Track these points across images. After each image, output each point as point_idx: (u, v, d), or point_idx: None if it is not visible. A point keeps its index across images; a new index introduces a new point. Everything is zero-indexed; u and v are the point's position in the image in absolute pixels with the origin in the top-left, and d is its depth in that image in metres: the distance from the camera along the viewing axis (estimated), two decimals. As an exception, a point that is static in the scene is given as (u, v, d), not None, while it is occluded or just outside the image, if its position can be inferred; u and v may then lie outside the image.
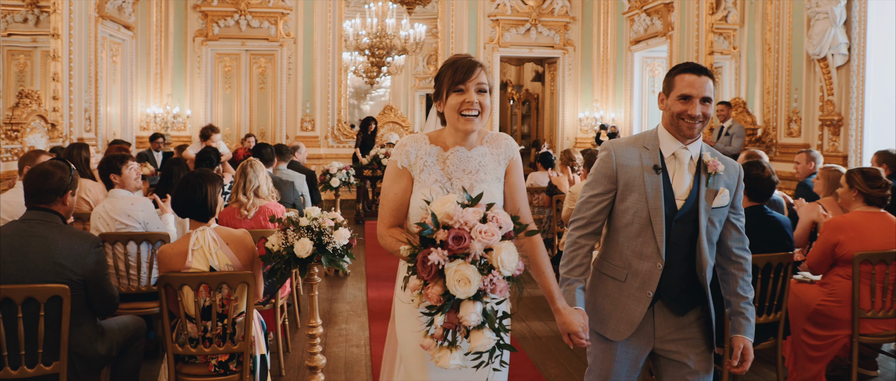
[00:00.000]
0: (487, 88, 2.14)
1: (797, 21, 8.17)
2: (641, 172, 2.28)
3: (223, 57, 12.45)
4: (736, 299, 2.40)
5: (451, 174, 2.14)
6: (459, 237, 1.73)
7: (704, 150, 2.33)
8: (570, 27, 13.31)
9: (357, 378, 4.24)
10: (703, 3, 10.05)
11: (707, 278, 2.30)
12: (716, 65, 10.48)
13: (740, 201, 2.38)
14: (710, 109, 2.25)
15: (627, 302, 2.31)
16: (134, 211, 3.92)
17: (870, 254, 3.58)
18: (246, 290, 2.99)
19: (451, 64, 2.14)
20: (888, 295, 3.62)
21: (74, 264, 2.81)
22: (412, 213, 2.15)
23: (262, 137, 12.45)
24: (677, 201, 2.28)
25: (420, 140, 2.17)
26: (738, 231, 2.39)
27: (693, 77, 2.24)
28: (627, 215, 2.29)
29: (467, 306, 1.73)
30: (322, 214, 3.01)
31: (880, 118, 7.32)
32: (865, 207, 3.86)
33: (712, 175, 2.29)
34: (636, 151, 2.32)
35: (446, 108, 2.14)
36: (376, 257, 7.87)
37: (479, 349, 1.76)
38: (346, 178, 7.14)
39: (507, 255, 1.76)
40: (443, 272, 1.73)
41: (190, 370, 3.07)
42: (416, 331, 2.00)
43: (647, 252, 2.28)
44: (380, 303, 6.06)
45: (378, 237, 2.20)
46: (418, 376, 2.15)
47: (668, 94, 2.30)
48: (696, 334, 2.34)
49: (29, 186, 2.87)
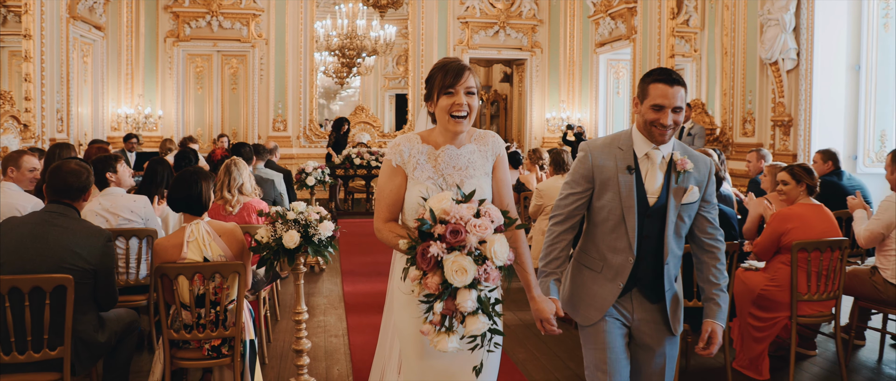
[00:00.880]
0: (475, 90, 2.28)
1: (751, 27, 8.62)
2: (616, 173, 2.41)
3: (195, 57, 12.52)
4: (708, 286, 2.54)
5: (442, 171, 2.28)
6: (456, 231, 1.87)
7: (676, 148, 2.46)
8: (537, 30, 13.66)
9: (337, 365, 4.48)
10: (664, 8, 10.46)
11: (671, 269, 2.46)
12: (677, 67, 10.91)
13: (712, 195, 2.53)
14: (682, 117, 2.38)
15: (600, 291, 2.47)
16: (137, 208, 4.13)
17: (806, 242, 3.94)
18: (237, 279, 3.21)
19: (441, 67, 2.28)
20: (823, 280, 3.99)
21: (90, 254, 3.03)
22: (407, 208, 2.29)
23: (235, 137, 12.55)
24: (649, 198, 2.42)
25: (412, 140, 2.32)
26: (710, 223, 2.52)
27: (666, 88, 2.34)
28: (603, 211, 2.44)
29: (463, 294, 1.88)
30: (307, 208, 3.24)
31: (827, 119, 7.80)
32: (808, 199, 4.25)
33: (681, 173, 2.42)
34: (611, 151, 2.44)
35: (437, 109, 2.28)
36: (351, 253, 8.08)
37: (474, 333, 1.91)
38: (322, 177, 7.35)
39: (500, 246, 1.91)
40: (441, 264, 1.87)
41: (184, 355, 3.28)
42: (414, 318, 2.19)
43: (621, 246, 2.43)
44: (356, 296, 6.29)
45: (375, 231, 2.32)
46: (415, 361, 2.31)
47: (641, 100, 2.41)
48: (664, 321, 2.50)
49: (58, 183, 3.11)
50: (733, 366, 4.23)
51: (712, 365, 4.37)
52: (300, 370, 3.46)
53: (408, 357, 2.37)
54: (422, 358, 2.31)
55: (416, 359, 2.32)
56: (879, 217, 4.32)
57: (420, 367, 2.33)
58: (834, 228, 4.19)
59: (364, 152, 11.13)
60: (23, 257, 2.95)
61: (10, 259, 2.94)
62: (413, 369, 2.34)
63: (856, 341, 4.75)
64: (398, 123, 16.39)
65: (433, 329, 1.94)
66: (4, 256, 2.94)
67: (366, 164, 11.05)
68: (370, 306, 5.97)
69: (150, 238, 4.19)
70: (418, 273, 1.91)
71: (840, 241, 4.00)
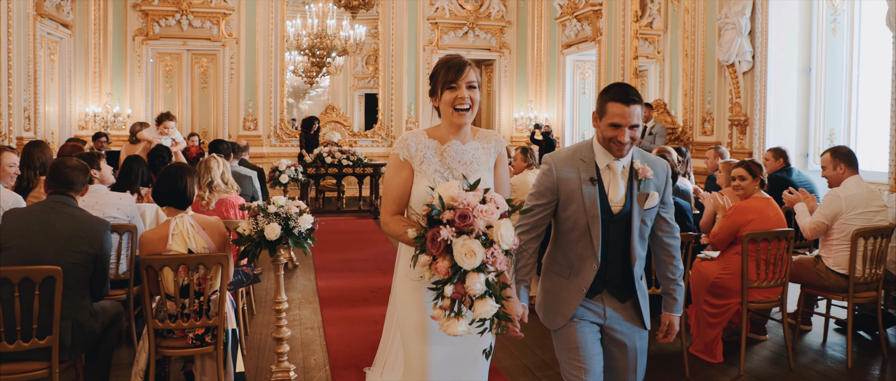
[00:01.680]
0: (476, 84, 2.38)
1: (710, 30, 8.97)
2: (579, 185, 2.50)
3: (164, 56, 12.48)
4: (665, 281, 2.71)
5: (448, 165, 2.37)
6: (465, 215, 1.95)
7: (635, 157, 2.57)
8: (505, 31, 13.92)
9: (313, 355, 4.64)
10: (628, 11, 10.78)
11: (636, 271, 2.59)
12: (641, 68, 11.25)
13: (669, 196, 2.66)
14: (638, 133, 2.48)
15: (566, 296, 2.57)
16: (123, 205, 4.23)
17: (756, 233, 4.23)
18: (220, 270, 3.35)
19: (443, 64, 2.39)
20: (770, 268, 4.28)
21: (93, 239, 3.22)
22: (413, 201, 2.37)
23: (205, 136, 12.55)
24: (613, 207, 2.53)
25: (419, 135, 2.41)
26: (667, 223, 2.66)
27: (623, 107, 2.43)
28: (569, 222, 2.54)
29: (472, 277, 1.94)
30: (287, 202, 3.40)
31: (780, 118, 8.19)
32: (761, 193, 4.54)
33: (642, 181, 2.54)
34: (574, 163, 2.54)
35: (441, 103, 2.39)
36: (323, 250, 8.21)
37: (482, 316, 1.97)
38: (295, 174, 7.47)
39: (506, 230, 1.98)
40: (450, 248, 1.94)
41: (169, 344, 3.41)
42: (416, 306, 2.32)
43: (587, 254, 2.53)
44: (329, 291, 6.44)
45: (382, 224, 2.41)
46: (418, 347, 2.39)
47: (600, 117, 2.51)
48: (635, 315, 2.63)
49: (65, 175, 3.32)
50: (690, 351, 4.50)
51: (670, 350, 4.63)
52: (281, 358, 3.61)
53: (411, 344, 2.43)
54: (426, 344, 2.38)
55: (419, 345, 2.39)
56: (824, 211, 4.64)
57: (424, 353, 2.39)
58: (784, 220, 4.49)
59: (335, 151, 11.24)
60: (30, 240, 3.12)
61: (19, 242, 3.10)
62: (416, 354, 2.41)
63: (802, 326, 5.07)
64: (368, 122, 16.46)
65: (443, 314, 2.00)
66: (12, 239, 3.10)
67: (337, 163, 11.16)
68: (343, 300, 6.13)
69: (130, 234, 4.30)
70: (428, 259, 1.97)
71: (786, 232, 4.29)
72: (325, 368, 4.40)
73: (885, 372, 4.41)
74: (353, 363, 4.46)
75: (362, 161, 11.31)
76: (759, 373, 4.28)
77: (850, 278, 4.41)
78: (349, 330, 5.21)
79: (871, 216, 4.53)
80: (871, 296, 4.56)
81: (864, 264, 4.43)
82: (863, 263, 4.42)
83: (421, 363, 2.40)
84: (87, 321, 3.25)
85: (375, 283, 6.82)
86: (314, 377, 4.26)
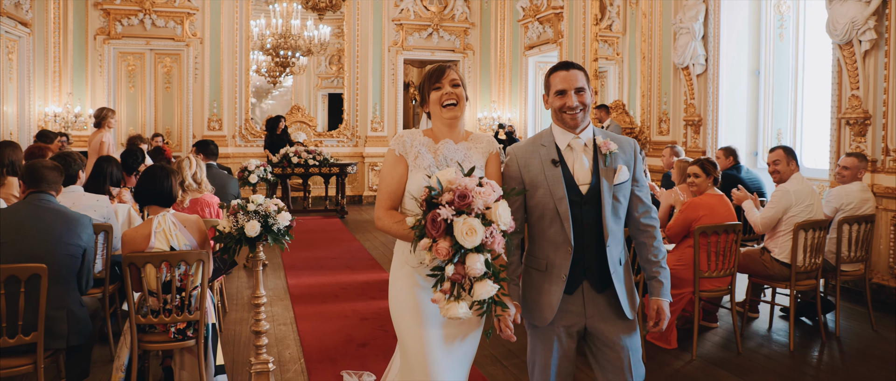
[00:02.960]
0: (461, 82, 2.50)
1: (666, 34, 9.34)
2: (542, 169, 2.48)
3: (126, 56, 12.36)
4: (649, 265, 2.59)
5: (441, 162, 2.44)
6: (464, 195, 1.99)
7: (596, 134, 2.53)
8: (469, 32, 14.15)
9: (288, 349, 4.79)
10: (588, 14, 11.12)
11: (613, 251, 2.48)
12: (601, 69, 11.60)
13: (641, 174, 2.58)
14: (587, 98, 2.47)
15: (549, 288, 2.49)
16: (99, 207, 4.31)
17: (707, 227, 4.53)
18: (201, 266, 3.48)
19: (427, 72, 2.54)
20: (721, 259, 4.59)
21: (82, 231, 3.35)
22: (407, 197, 2.43)
23: (169, 136, 12.48)
24: (581, 187, 2.46)
25: (415, 133, 2.50)
26: (642, 202, 2.57)
27: (564, 73, 2.49)
28: (538, 208, 2.49)
29: (473, 258, 1.98)
30: (266, 200, 3.54)
31: (731, 119, 8.60)
32: (713, 190, 4.86)
33: (608, 155, 2.48)
34: (535, 150, 2.52)
35: (431, 104, 2.50)
36: (292, 249, 8.27)
37: (482, 297, 2.01)
38: (264, 174, 7.55)
39: (503, 209, 2.03)
40: (450, 228, 1.98)
41: (151, 338, 3.53)
42: (410, 295, 2.40)
43: (560, 240, 2.46)
44: (300, 289, 6.57)
45: (375, 220, 2.45)
46: (415, 331, 2.42)
47: (548, 93, 2.55)
48: (618, 308, 2.51)
49: (43, 175, 3.44)
50: (646, 338, 4.79)
51: (629, 338, 4.90)
52: (259, 351, 3.75)
53: (408, 332, 2.45)
54: (422, 328, 2.41)
55: (416, 329, 2.42)
56: (775, 205, 4.97)
57: (422, 337, 2.41)
58: (734, 215, 4.81)
59: (301, 151, 11.30)
60: (25, 236, 3.23)
61: (14, 238, 3.21)
62: (414, 336, 2.43)
63: (750, 314, 5.41)
64: (332, 122, 16.49)
65: (444, 297, 2.03)
66: (5, 235, 3.20)
67: (303, 162, 11.23)
68: (314, 297, 6.27)
69: (106, 234, 4.37)
70: (428, 241, 2.01)
71: (735, 225, 4.60)
72: (300, 361, 4.55)
73: (823, 354, 4.76)
74: (328, 357, 4.62)
75: (329, 161, 11.40)
76: (710, 358, 4.58)
77: (792, 267, 4.75)
78: (322, 325, 5.36)
79: (812, 209, 4.88)
80: (811, 284, 4.91)
81: (805, 255, 4.77)
82: (804, 253, 4.76)
83: (419, 350, 2.41)
84: (79, 310, 3.37)
85: (345, 280, 6.97)
86: (290, 369, 4.41)
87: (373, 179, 13.73)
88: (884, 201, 5.88)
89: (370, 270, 7.49)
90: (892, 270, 5.81)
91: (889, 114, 5.92)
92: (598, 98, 11.02)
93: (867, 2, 5.97)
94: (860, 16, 6.00)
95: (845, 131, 6.38)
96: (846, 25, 6.10)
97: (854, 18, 6.03)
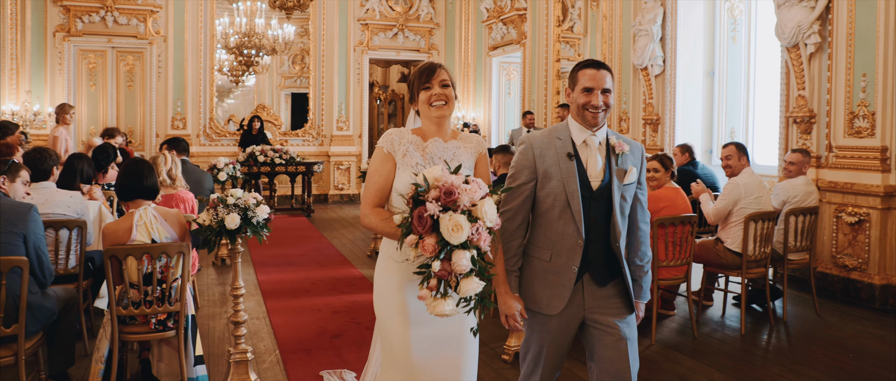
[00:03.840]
0: (450, 83, 2.49)
1: (625, 36, 9.67)
2: (557, 161, 2.50)
3: (87, 53, 12.18)
4: (634, 267, 2.65)
5: (429, 160, 2.45)
6: (450, 191, 2.00)
7: (610, 135, 2.58)
8: (434, 33, 14.33)
9: (262, 342, 4.89)
10: (551, 16, 11.39)
11: (621, 248, 2.54)
12: (563, 70, 11.87)
13: (643, 177, 2.64)
14: (611, 99, 2.52)
15: (556, 279, 2.52)
16: (72, 203, 4.34)
17: (665, 218, 4.79)
18: (182, 259, 3.58)
19: (418, 70, 2.54)
20: (677, 249, 4.86)
21: (18, 220, 3.38)
22: (394, 196, 2.44)
23: (131, 135, 12.34)
24: (592, 182, 2.51)
25: (404, 132, 2.50)
26: (641, 205, 2.64)
27: (594, 71, 2.50)
28: (548, 199, 2.50)
29: (459, 254, 1.98)
30: (245, 194, 3.65)
31: (687, 118, 8.96)
32: (671, 184, 5.14)
33: (620, 155, 2.53)
34: (551, 142, 2.53)
35: (419, 104, 2.51)
36: (260, 246, 8.35)
37: (469, 294, 2.02)
38: (234, 172, 7.61)
39: (489, 207, 2.03)
40: (436, 224, 1.99)
41: (131, 330, 3.60)
42: (396, 293, 2.40)
43: (569, 232, 2.49)
44: (270, 284, 6.66)
45: (361, 217, 2.44)
46: (401, 331, 2.42)
47: (573, 88, 2.54)
48: (618, 302, 2.56)
49: None
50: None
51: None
52: (238, 341, 3.86)
53: (392, 330, 2.45)
54: (409, 327, 2.42)
55: (402, 329, 2.42)
56: (726, 198, 5.27)
57: (407, 336, 2.42)
58: (690, 208, 5.10)
59: (268, 150, 11.32)
60: None
61: None
62: (399, 335, 2.43)
63: (705, 302, 5.71)
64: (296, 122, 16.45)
65: (430, 295, 2.03)
66: None
67: (270, 161, 11.25)
68: (285, 292, 6.36)
69: (80, 229, 4.41)
70: (415, 238, 2.02)
71: (690, 217, 4.87)
72: (275, 352, 4.66)
73: (772, 337, 5.08)
74: (302, 348, 4.74)
75: (295, 160, 11.45)
76: (667, 343, 4.85)
77: (743, 256, 5.05)
78: (294, 319, 5.47)
79: (761, 202, 5.19)
80: (761, 272, 5.22)
81: (755, 244, 5.07)
82: (754, 243, 5.06)
83: (404, 349, 2.42)
84: (34, 299, 3.38)
85: (315, 275, 7.07)
86: (265, 360, 4.52)
87: (339, 178, 13.80)
88: (827, 194, 6.26)
89: (339, 266, 7.61)
90: (835, 259, 6.19)
91: (832, 113, 6.30)
92: (560, 98, 11.31)
93: (812, 7, 6.34)
94: (806, 21, 6.37)
95: (793, 129, 6.74)
96: (793, 29, 6.46)
97: (800, 23, 6.39)
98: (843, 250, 6.12)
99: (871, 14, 5.90)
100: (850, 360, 4.52)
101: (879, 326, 5.30)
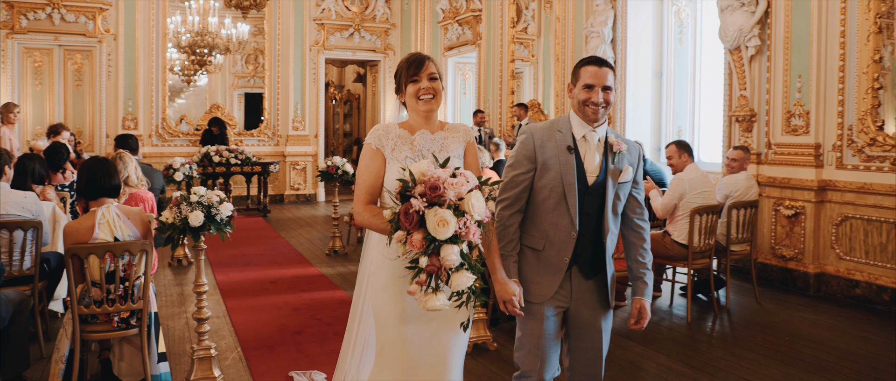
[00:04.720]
0: (438, 76, 2.48)
1: (578, 37, 9.93)
2: (557, 153, 2.54)
3: (33, 52, 11.84)
4: (636, 265, 2.70)
5: (418, 152, 2.45)
6: (434, 186, 1.99)
7: (609, 132, 2.62)
8: (390, 33, 14.40)
9: (223, 340, 4.92)
10: (505, 17, 11.60)
11: (608, 244, 2.61)
12: (517, 70, 12.11)
13: (641, 177, 2.70)
14: (611, 96, 2.55)
15: (547, 268, 2.58)
16: (27, 204, 4.28)
17: (615, 213, 5.00)
18: (144, 257, 3.60)
19: (405, 61, 2.52)
20: (627, 242, 5.08)
21: None
22: (385, 190, 2.43)
23: (80, 136, 12.04)
24: (588, 177, 2.55)
25: (390, 126, 2.50)
26: (638, 204, 2.67)
27: (595, 68, 2.52)
28: (545, 190, 2.55)
29: (447, 249, 1.97)
30: (208, 192, 3.69)
31: (637, 117, 9.28)
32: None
33: (617, 154, 2.58)
34: (552, 134, 2.58)
35: (407, 96, 2.50)
36: (217, 246, 8.30)
37: (460, 288, 2.01)
38: (190, 172, 7.55)
39: (477, 200, 2.02)
40: (423, 220, 1.98)
41: (93, 328, 3.61)
42: (388, 286, 2.38)
43: (563, 223, 2.54)
44: (228, 284, 6.66)
45: (354, 214, 2.45)
46: (395, 328, 2.42)
47: (574, 84, 2.58)
48: (599, 297, 2.64)
49: None
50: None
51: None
52: (202, 337, 3.89)
53: (386, 326, 2.45)
54: (403, 324, 2.42)
55: (396, 325, 2.42)
56: (672, 193, 5.53)
57: (401, 332, 2.42)
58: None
59: (223, 150, 11.22)
60: None
61: None
62: (393, 333, 2.43)
63: (654, 293, 5.97)
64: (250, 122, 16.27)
65: (419, 289, 2.03)
66: None
67: (225, 161, 11.15)
68: (244, 291, 6.37)
69: (35, 230, 4.37)
70: (403, 234, 2.02)
71: (639, 211, 5.10)
72: (237, 349, 4.70)
73: (715, 324, 5.36)
74: (264, 345, 4.79)
75: (251, 160, 11.37)
76: (619, 331, 5.06)
77: (689, 248, 5.31)
78: (255, 317, 5.50)
79: (706, 196, 5.46)
80: (705, 263, 5.50)
81: (700, 236, 5.34)
82: (699, 235, 5.33)
83: (398, 345, 2.43)
84: None
85: (273, 275, 7.09)
86: (228, 357, 4.56)
87: (295, 178, 13.74)
88: (767, 189, 6.60)
89: (298, 265, 7.63)
90: (774, 250, 6.54)
91: (771, 112, 6.65)
92: (515, 97, 11.53)
93: (752, 12, 6.68)
94: (747, 24, 6.70)
95: (735, 128, 7.08)
96: (735, 33, 6.79)
97: (741, 26, 6.73)
98: (781, 242, 6.47)
99: (805, 19, 6.26)
100: (787, 343, 4.82)
101: (813, 311, 5.64)
